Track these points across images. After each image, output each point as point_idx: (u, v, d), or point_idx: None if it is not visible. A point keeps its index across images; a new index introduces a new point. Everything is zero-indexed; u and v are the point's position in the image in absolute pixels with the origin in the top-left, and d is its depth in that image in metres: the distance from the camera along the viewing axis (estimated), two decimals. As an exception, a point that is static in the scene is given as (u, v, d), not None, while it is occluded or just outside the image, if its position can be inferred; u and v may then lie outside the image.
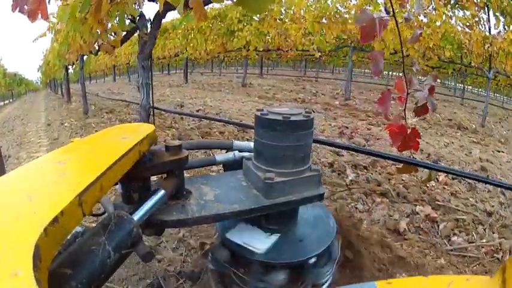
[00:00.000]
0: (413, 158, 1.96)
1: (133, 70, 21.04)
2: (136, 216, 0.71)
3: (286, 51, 8.85)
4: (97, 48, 4.78)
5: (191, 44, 9.78)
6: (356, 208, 2.31)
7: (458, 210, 2.34)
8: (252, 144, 1.16)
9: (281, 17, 8.16)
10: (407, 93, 1.30)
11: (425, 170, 1.72)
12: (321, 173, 1.02)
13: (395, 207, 2.31)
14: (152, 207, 0.77)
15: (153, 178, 0.94)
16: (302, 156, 0.97)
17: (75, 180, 0.54)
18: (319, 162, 3.15)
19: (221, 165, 1.26)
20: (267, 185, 0.93)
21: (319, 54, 8.29)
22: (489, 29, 7.49)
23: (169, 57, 13.40)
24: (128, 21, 2.69)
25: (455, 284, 0.41)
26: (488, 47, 7.15)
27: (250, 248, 0.95)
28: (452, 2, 6.63)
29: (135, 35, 3.56)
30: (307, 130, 0.95)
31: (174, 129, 4.47)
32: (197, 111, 6.19)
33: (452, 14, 6.81)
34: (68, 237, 0.62)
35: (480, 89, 17.04)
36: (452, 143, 4.71)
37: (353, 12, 6.89)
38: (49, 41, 8.26)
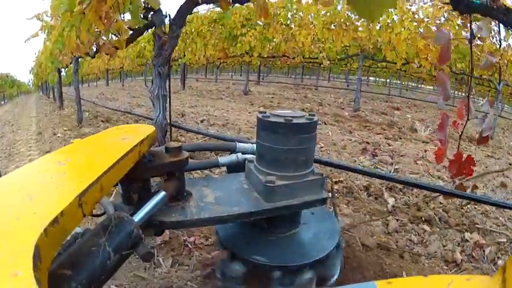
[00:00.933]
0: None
1: (126, 74, 20.29)
2: (137, 217, 0.70)
3: (293, 58, 8.33)
4: (95, 49, 4.11)
5: (190, 49, 9.17)
6: (411, 240, 2.19)
7: (494, 231, 2.34)
8: (255, 146, 1.12)
9: (287, 22, 7.80)
10: (468, 119, 1.30)
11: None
12: (324, 177, 1.00)
13: (446, 236, 2.24)
14: (152, 209, 0.76)
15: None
16: (304, 160, 0.95)
17: (75, 181, 0.53)
18: (354, 186, 2.94)
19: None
20: (268, 189, 0.92)
21: (328, 62, 8.04)
22: (500, 41, 7.15)
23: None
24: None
25: (455, 283, 0.41)
26: (499, 59, 6.77)
27: None
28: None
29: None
30: (310, 133, 0.93)
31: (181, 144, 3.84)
32: (201, 121, 5.74)
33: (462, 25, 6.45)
34: (68, 238, 0.60)
35: (478, 98, 16.88)
36: (470, 157, 4.35)
37: (363, 20, 6.37)
38: (41, 41, 7.76)
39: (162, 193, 0.80)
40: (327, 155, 3.86)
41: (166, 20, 2.25)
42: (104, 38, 2.73)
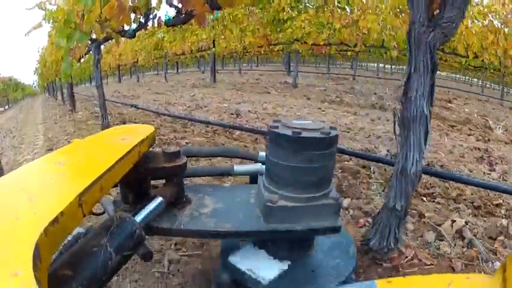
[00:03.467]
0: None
1: (135, 70, 18.74)
2: (139, 217, 0.69)
3: (354, 45, 7.37)
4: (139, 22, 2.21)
5: (222, 36, 7.45)
6: None
7: None
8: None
9: (344, 5, 6.74)
10: None
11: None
12: (340, 202, 0.88)
13: None
14: (154, 211, 0.74)
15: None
16: (315, 181, 0.83)
17: (75, 181, 0.54)
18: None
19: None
20: (267, 208, 0.82)
21: (396, 52, 7.20)
22: None
23: (189, 53, 11.00)
24: None
25: (456, 282, 0.39)
26: None
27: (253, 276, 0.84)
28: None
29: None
30: (325, 150, 0.80)
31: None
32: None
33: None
34: (70, 238, 0.62)
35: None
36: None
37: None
38: (45, 36, 6.80)
39: (160, 198, 0.77)
40: (454, 168, 3.09)
41: None
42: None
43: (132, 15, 2.60)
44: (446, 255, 1.62)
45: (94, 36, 4.12)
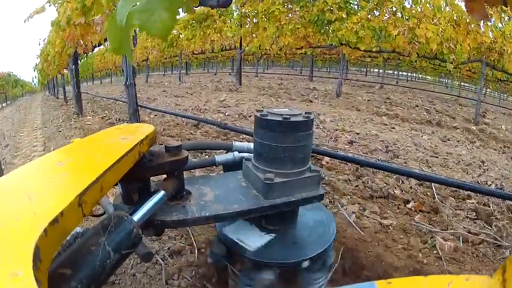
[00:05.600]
0: None
1: (139, 70, 17.52)
2: (136, 216, 0.68)
3: (408, 55, 6.53)
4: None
5: (254, 35, 6.37)
6: None
7: None
8: (251, 145, 1.14)
9: (398, 12, 6.18)
10: None
11: None
12: (320, 173, 0.97)
13: None
14: (152, 208, 0.73)
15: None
16: (302, 157, 0.93)
17: (75, 181, 0.52)
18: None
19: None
20: (267, 186, 0.89)
21: (452, 65, 6.36)
22: None
23: (210, 52, 9.80)
24: None
25: (455, 283, 0.38)
26: None
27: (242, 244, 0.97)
28: None
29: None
30: (307, 131, 0.91)
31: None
32: (350, 143, 3.69)
33: None
34: (68, 238, 0.60)
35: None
36: None
37: (481, 23, 5.58)
38: (45, 27, 6.45)
39: (162, 192, 0.77)
40: None
41: None
42: None
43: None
44: None
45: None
